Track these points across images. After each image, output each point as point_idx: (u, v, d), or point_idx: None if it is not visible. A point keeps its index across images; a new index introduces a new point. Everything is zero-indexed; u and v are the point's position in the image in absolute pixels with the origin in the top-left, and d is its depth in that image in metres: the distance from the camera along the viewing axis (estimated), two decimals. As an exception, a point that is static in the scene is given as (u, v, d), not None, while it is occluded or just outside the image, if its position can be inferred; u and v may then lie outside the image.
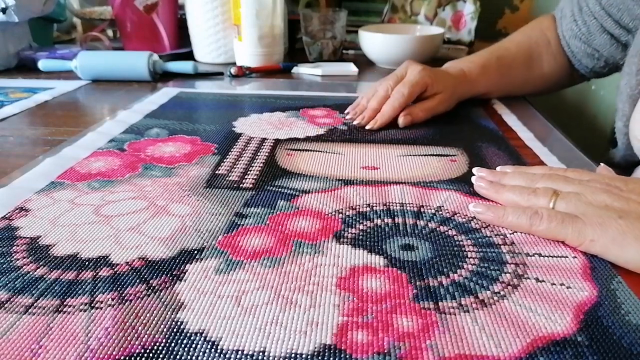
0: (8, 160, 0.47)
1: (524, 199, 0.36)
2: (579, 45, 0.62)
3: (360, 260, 0.31)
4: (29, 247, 0.32)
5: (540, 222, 0.33)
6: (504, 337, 0.25)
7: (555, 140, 0.53)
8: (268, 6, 0.81)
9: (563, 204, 0.34)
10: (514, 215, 0.35)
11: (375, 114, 0.57)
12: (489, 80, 0.64)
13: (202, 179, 0.43)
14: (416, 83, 0.57)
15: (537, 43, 0.66)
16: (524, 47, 0.66)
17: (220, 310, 0.27)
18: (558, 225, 0.33)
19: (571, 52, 0.64)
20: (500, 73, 0.64)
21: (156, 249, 0.32)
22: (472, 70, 0.63)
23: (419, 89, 0.58)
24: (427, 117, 0.58)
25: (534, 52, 0.65)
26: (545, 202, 0.35)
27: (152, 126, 0.56)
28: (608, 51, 0.60)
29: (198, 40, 0.91)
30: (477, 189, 0.40)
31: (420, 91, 0.58)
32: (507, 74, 0.65)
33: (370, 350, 0.24)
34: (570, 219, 0.33)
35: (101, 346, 0.24)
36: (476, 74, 0.63)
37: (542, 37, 0.66)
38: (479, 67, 0.63)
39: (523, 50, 0.66)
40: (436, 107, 0.59)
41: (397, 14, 1.03)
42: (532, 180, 0.38)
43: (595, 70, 0.64)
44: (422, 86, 0.58)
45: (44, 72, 0.81)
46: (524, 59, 0.65)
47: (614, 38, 0.58)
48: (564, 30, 0.63)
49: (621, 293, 0.28)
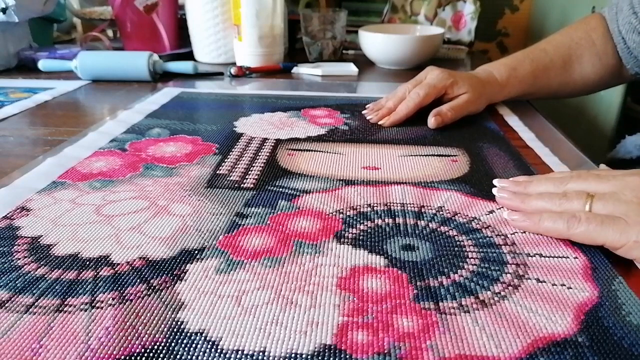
0: (8, 160, 0.47)
1: (555, 205, 0.34)
2: (637, 39, 0.59)
3: (360, 261, 0.31)
4: (30, 246, 0.32)
5: (579, 225, 0.32)
6: (504, 337, 0.25)
7: (556, 141, 0.53)
8: (268, 6, 0.81)
9: (600, 205, 0.32)
10: (550, 220, 0.33)
11: (389, 112, 0.58)
12: (521, 83, 0.63)
13: (203, 179, 0.43)
14: (433, 85, 0.58)
15: (578, 44, 0.64)
16: (563, 48, 0.64)
17: (221, 310, 0.27)
18: (597, 227, 0.31)
19: (627, 48, 0.61)
20: (534, 75, 0.63)
21: (157, 248, 0.32)
22: (502, 73, 0.62)
23: (436, 90, 0.58)
24: (456, 117, 0.58)
25: (573, 54, 0.64)
26: (580, 205, 0.33)
27: (154, 126, 0.56)
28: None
29: (198, 40, 0.91)
30: (499, 200, 0.38)
31: (438, 93, 0.58)
32: (543, 76, 0.64)
33: (371, 350, 0.24)
34: (611, 220, 0.31)
35: (102, 346, 0.24)
36: (507, 76, 0.62)
37: (585, 37, 0.64)
38: (510, 69, 0.63)
39: (561, 52, 0.64)
40: (465, 107, 0.58)
41: (397, 14, 1.03)
42: (561, 182, 0.36)
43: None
44: (441, 89, 0.58)
45: (44, 72, 0.81)
46: (562, 61, 0.64)
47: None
48: (620, 24, 0.61)
49: (622, 294, 0.28)
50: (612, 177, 0.34)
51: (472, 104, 0.59)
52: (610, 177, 0.34)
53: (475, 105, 0.59)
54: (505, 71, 0.62)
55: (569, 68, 0.64)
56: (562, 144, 0.53)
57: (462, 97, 0.58)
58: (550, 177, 0.38)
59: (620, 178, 0.34)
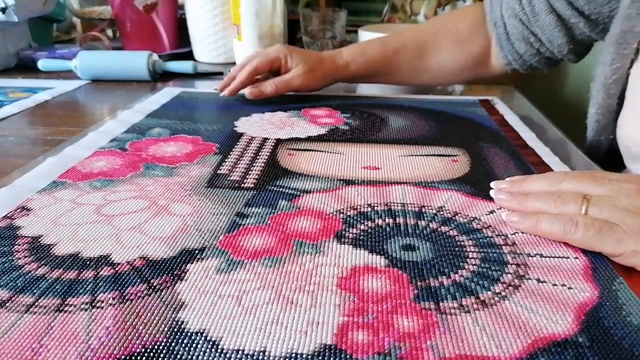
0: (8, 160, 0.47)
1: (550, 207, 0.34)
2: (517, 25, 0.60)
3: (361, 261, 0.31)
4: (31, 246, 0.32)
5: (576, 231, 0.31)
6: (504, 337, 0.25)
7: (556, 141, 0.53)
8: (268, 6, 0.81)
9: (596, 209, 0.32)
10: (546, 222, 0.33)
11: (230, 81, 0.63)
12: (368, 62, 0.65)
13: (204, 179, 0.43)
14: (267, 53, 0.63)
15: (438, 32, 0.66)
16: (422, 34, 0.66)
17: (221, 310, 0.27)
18: (596, 234, 0.31)
19: (506, 33, 0.62)
20: (383, 57, 0.65)
21: (157, 248, 0.32)
22: (348, 51, 0.65)
23: (269, 59, 0.62)
24: (279, 91, 0.62)
25: (430, 41, 0.65)
26: (576, 208, 0.33)
27: (154, 126, 0.56)
28: (548, 35, 0.58)
29: (198, 40, 0.91)
30: (498, 202, 0.38)
31: (272, 62, 0.62)
32: (394, 59, 0.65)
33: (371, 350, 0.24)
34: (609, 228, 0.31)
35: (102, 345, 0.24)
36: (352, 54, 0.64)
37: (448, 25, 0.66)
38: (358, 49, 0.65)
39: (417, 38, 0.66)
40: (291, 81, 0.62)
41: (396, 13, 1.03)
42: (555, 181, 0.36)
43: (524, 58, 0.62)
44: (274, 59, 0.62)
45: (43, 71, 0.81)
46: (417, 46, 0.65)
47: (561, 20, 0.57)
48: (504, 9, 0.61)
49: (622, 294, 0.28)
50: (608, 181, 0.34)
51: (299, 78, 0.62)
52: (605, 181, 0.34)
53: (305, 79, 0.62)
54: (352, 50, 0.65)
55: (424, 54, 0.66)
56: (562, 144, 0.53)
57: (291, 72, 0.62)
58: (545, 176, 0.38)
59: (616, 183, 0.33)
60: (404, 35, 0.67)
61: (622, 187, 0.33)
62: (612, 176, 0.35)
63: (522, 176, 0.39)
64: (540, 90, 1.33)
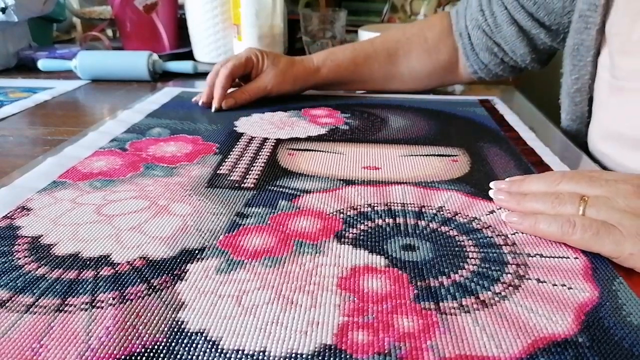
0: (8, 160, 0.47)
1: (548, 207, 0.34)
2: (480, 36, 0.62)
3: (361, 261, 0.31)
4: (31, 246, 0.32)
5: (574, 232, 0.32)
6: (504, 337, 0.25)
7: (557, 141, 0.53)
8: (268, 6, 0.81)
9: (594, 210, 0.32)
10: (544, 223, 0.33)
11: (210, 95, 0.62)
12: (339, 67, 0.65)
13: (204, 179, 0.43)
14: (239, 57, 0.62)
15: (408, 39, 0.66)
16: (391, 42, 0.67)
17: (221, 310, 0.27)
18: (593, 236, 0.31)
19: (470, 44, 0.63)
20: (354, 63, 0.66)
21: (157, 248, 0.32)
22: (320, 56, 0.66)
23: (241, 62, 0.62)
24: (252, 98, 0.62)
25: (401, 48, 0.66)
26: (573, 209, 0.33)
27: (154, 126, 0.56)
28: (511, 45, 0.60)
29: (198, 40, 0.91)
30: (497, 202, 0.38)
31: (245, 65, 0.62)
32: (365, 65, 0.66)
33: (371, 350, 0.24)
34: (606, 230, 0.31)
35: (102, 345, 0.24)
36: (324, 59, 0.65)
37: (418, 33, 0.67)
38: (329, 54, 0.66)
39: (388, 45, 0.66)
40: (260, 86, 0.62)
41: (396, 13, 1.03)
42: (553, 181, 0.36)
43: (489, 67, 0.64)
44: (246, 61, 0.62)
45: (43, 71, 0.81)
46: (387, 54, 0.66)
47: (522, 31, 0.58)
48: (468, 20, 0.63)
49: (622, 294, 0.28)
50: (605, 182, 0.34)
51: (272, 80, 0.62)
52: (602, 182, 0.34)
53: (276, 84, 0.63)
54: (323, 55, 0.66)
55: (394, 61, 0.67)
56: (562, 144, 0.53)
57: (260, 77, 0.63)
58: (543, 176, 0.38)
59: (613, 183, 0.34)
60: (374, 42, 0.67)
61: (619, 188, 0.33)
62: (609, 177, 0.35)
63: (521, 176, 0.39)
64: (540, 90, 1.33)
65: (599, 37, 0.49)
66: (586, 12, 0.49)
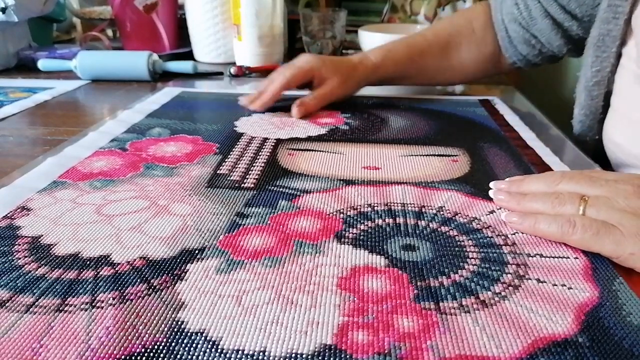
0: (8, 160, 0.47)
1: (548, 207, 0.34)
2: (517, 29, 0.62)
3: (361, 261, 0.31)
4: (31, 246, 0.32)
5: (574, 232, 0.31)
6: (504, 337, 0.25)
7: (557, 141, 0.53)
8: (268, 6, 0.81)
9: (594, 210, 0.32)
10: (544, 223, 0.33)
11: (260, 95, 0.60)
12: (397, 64, 0.65)
13: (204, 179, 0.43)
14: (299, 67, 0.60)
15: (458, 32, 0.66)
16: (443, 35, 0.67)
17: (221, 310, 0.27)
18: (594, 236, 0.31)
19: (508, 37, 0.64)
20: (411, 59, 0.65)
21: (157, 248, 0.32)
22: (377, 54, 0.64)
23: (302, 72, 0.60)
24: (321, 104, 0.61)
25: (452, 41, 0.66)
26: (573, 209, 0.33)
27: (154, 126, 0.56)
28: (547, 37, 0.60)
29: (198, 40, 0.91)
30: (497, 202, 0.38)
31: (305, 75, 0.60)
32: (420, 60, 0.66)
33: (371, 350, 0.24)
34: (606, 229, 0.31)
35: (102, 345, 0.24)
36: (382, 57, 0.64)
37: (466, 25, 0.67)
38: (386, 51, 0.64)
39: (440, 39, 0.66)
40: (329, 93, 0.61)
41: (396, 13, 1.03)
42: (553, 181, 0.36)
43: (528, 58, 0.64)
44: (307, 71, 0.60)
45: (43, 71, 0.81)
46: (440, 47, 0.66)
47: (556, 23, 0.58)
48: (504, 14, 0.63)
49: (622, 294, 0.28)
50: (605, 182, 0.34)
51: (337, 88, 0.61)
52: (602, 182, 0.34)
53: (342, 89, 0.62)
54: (380, 53, 0.64)
55: (446, 54, 0.66)
56: (563, 144, 0.53)
57: (327, 84, 0.61)
58: (543, 176, 0.38)
59: (613, 183, 0.34)
60: (427, 36, 0.67)
61: (619, 188, 0.33)
62: (608, 177, 0.35)
63: (521, 176, 0.39)
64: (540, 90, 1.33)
65: (625, 28, 0.49)
66: (616, 2, 0.49)
